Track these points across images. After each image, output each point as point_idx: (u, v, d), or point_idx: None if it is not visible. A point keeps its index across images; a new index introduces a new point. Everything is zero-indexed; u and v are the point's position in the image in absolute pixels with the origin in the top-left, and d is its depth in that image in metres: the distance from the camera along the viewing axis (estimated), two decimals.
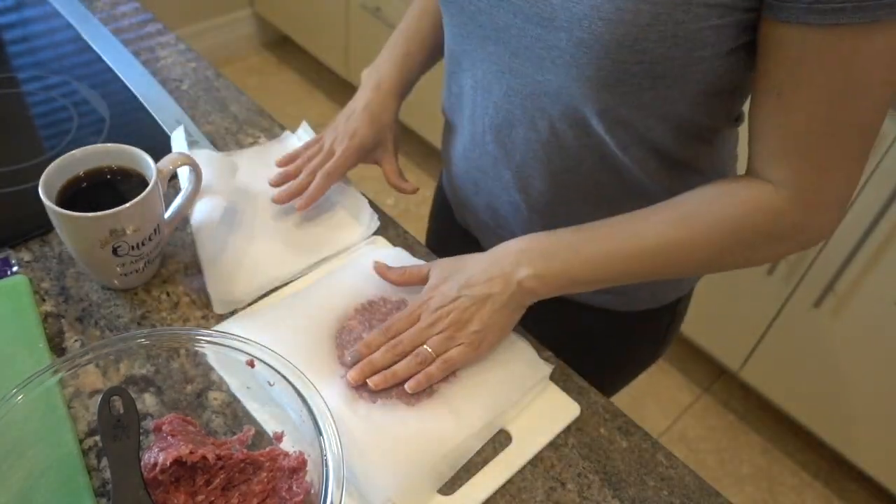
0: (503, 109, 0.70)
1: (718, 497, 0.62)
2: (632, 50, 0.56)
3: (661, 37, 0.55)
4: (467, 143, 0.78)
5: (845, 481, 1.71)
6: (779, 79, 0.56)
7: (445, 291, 0.65)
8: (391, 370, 0.63)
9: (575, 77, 0.60)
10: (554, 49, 0.60)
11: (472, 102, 0.74)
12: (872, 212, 1.33)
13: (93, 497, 0.55)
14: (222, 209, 0.77)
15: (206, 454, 0.54)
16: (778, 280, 1.54)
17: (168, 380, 0.60)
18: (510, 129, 0.71)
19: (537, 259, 0.64)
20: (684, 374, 1.89)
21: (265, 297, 0.72)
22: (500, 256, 0.66)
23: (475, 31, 0.67)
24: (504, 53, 0.65)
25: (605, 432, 0.66)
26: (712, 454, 1.74)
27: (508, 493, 0.60)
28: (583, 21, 0.56)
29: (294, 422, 0.57)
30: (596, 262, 0.64)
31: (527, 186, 0.74)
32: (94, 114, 0.90)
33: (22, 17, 1.06)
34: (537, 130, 0.68)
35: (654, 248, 0.62)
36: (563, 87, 0.63)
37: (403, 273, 0.70)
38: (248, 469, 0.56)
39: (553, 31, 0.59)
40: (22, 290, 0.68)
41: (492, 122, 0.72)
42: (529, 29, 0.61)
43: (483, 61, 0.69)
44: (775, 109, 0.57)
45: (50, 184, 0.66)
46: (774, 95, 0.57)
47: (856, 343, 1.48)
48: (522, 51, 0.63)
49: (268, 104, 1.01)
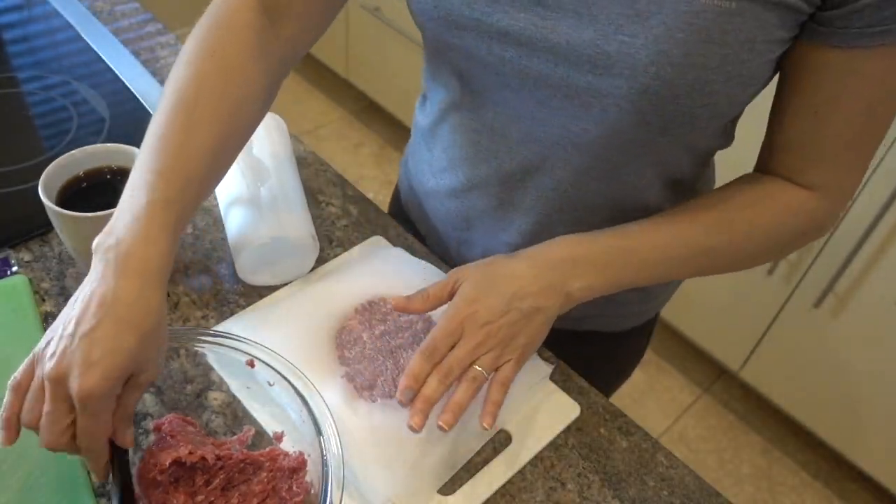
0: (519, 156, 0.66)
1: (718, 497, 0.62)
2: (701, 93, 0.55)
3: (728, 77, 0.54)
4: (461, 183, 0.73)
5: (845, 481, 1.71)
6: (818, 98, 0.57)
7: (493, 305, 0.58)
8: (456, 402, 0.56)
9: (633, 123, 0.58)
10: (608, 97, 0.57)
11: (472, 145, 0.70)
12: (872, 212, 1.33)
13: (92, 497, 0.55)
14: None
15: (205, 455, 0.54)
16: (778, 280, 1.54)
17: (168, 380, 0.60)
18: (524, 175, 0.68)
19: (589, 270, 0.61)
20: (684, 374, 1.89)
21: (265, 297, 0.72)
22: (547, 264, 0.61)
23: (490, 79, 0.63)
24: (528, 100, 0.62)
25: (605, 432, 0.66)
26: (712, 454, 1.74)
27: (508, 493, 0.60)
28: (649, 68, 0.53)
29: (294, 422, 0.57)
30: (642, 269, 0.63)
31: (532, 232, 0.71)
32: (94, 114, 0.90)
33: (22, 17, 1.06)
34: (557, 180, 0.66)
35: (698, 253, 0.63)
36: (604, 135, 0.60)
37: (427, 298, 0.62)
38: (248, 469, 0.56)
39: (609, 79, 0.55)
40: (22, 291, 0.68)
41: (500, 167, 0.69)
42: (576, 78, 0.57)
43: (496, 105, 0.65)
44: (811, 129, 0.59)
45: (50, 184, 0.66)
46: (811, 114, 0.58)
47: (856, 343, 1.48)
48: (559, 100, 0.60)
49: None
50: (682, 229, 0.63)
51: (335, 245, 0.79)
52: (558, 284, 0.60)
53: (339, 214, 0.83)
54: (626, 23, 0.53)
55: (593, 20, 0.55)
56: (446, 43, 0.63)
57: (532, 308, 0.59)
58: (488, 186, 0.71)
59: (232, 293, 0.72)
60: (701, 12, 0.51)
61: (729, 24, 0.52)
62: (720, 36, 0.52)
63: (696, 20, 0.52)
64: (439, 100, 0.72)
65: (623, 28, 0.54)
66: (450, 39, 0.62)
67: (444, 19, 0.60)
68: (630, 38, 0.53)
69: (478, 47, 0.60)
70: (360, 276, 0.72)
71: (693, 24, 0.52)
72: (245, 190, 0.72)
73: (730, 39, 0.52)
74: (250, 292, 0.73)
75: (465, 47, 0.61)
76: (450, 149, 0.73)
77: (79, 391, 0.45)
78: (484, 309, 0.58)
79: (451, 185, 0.75)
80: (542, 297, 0.59)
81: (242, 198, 0.72)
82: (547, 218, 0.70)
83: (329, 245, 0.79)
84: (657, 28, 0.52)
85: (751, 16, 0.52)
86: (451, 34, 0.61)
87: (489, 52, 0.60)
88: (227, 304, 0.71)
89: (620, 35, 0.54)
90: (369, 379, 0.64)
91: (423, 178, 0.79)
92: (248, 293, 0.73)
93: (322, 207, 0.83)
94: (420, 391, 0.56)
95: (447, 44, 0.63)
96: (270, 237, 0.69)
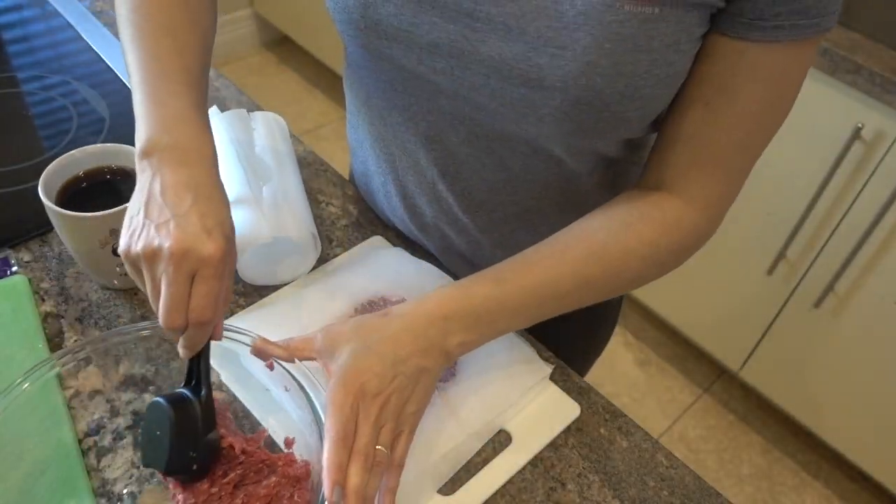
0: (461, 154, 0.66)
1: (718, 497, 0.62)
2: (631, 98, 0.55)
3: (656, 80, 0.55)
4: (409, 191, 0.73)
5: (845, 481, 1.71)
6: (710, 89, 0.57)
7: (379, 372, 0.54)
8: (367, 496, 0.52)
9: (567, 130, 0.58)
10: (543, 107, 0.57)
11: (411, 155, 0.69)
12: (872, 212, 1.32)
13: (92, 497, 0.55)
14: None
15: (233, 444, 0.54)
16: (778, 280, 1.54)
17: (168, 380, 0.60)
18: (470, 173, 0.68)
19: (464, 326, 0.58)
20: (684, 374, 1.89)
21: (265, 297, 0.72)
22: (423, 324, 0.57)
23: (421, 88, 0.62)
24: (463, 107, 0.61)
25: (605, 432, 0.66)
26: (712, 454, 1.74)
27: (508, 493, 0.60)
28: (579, 79, 0.54)
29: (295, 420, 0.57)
30: (515, 316, 0.60)
31: (487, 221, 0.72)
32: (93, 114, 0.90)
33: (22, 17, 1.06)
34: (506, 169, 0.66)
35: (573, 288, 0.61)
36: (543, 134, 0.60)
37: (287, 347, 0.58)
38: (264, 470, 0.55)
39: (541, 91, 0.56)
40: (21, 291, 0.68)
41: (444, 170, 0.68)
42: (509, 90, 0.57)
43: (429, 113, 0.64)
44: (701, 121, 0.58)
45: (50, 184, 0.66)
46: (702, 105, 0.57)
47: (856, 343, 1.48)
48: (495, 107, 0.59)
49: (268, 104, 1.01)
50: (555, 267, 0.60)
51: (335, 245, 0.79)
52: (437, 342, 0.57)
53: (339, 214, 0.83)
54: (555, 35, 0.53)
55: (522, 33, 0.54)
56: (377, 53, 0.61)
57: (416, 369, 0.56)
58: (435, 190, 0.71)
59: (232, 293, 0.72)
60: (626, 21, 0.51)
61: (654, 30, 0.52)
62: (646, 42, 0.52)
63: (622, 29, 0.52)
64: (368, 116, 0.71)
65: (552, 41, 0.53)
66: (381, 49, 0.60)
67: (372, 30, 0.59)
68: (559, 51, 0.53)
69: (408, 58, 0.59)
70: (360, 276, 0.72)
71: (619, 34, 0.52)
72: (247, 190, 0.72)
73: (655, 45, 0.53)
74: (250, 292, 0.73)
75: (396, 58, 0.60)
76: (387, 162, 0.73)
77: (207, 255, 0.49)
78: (371, 378, 0.54)
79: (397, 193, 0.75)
80: (424, 358, 0.56)
81: (244, 197, 0.72)
82: (499, 207, 0.70)
83: (329, 245, 0.79)
84: (585, 39, 0.52)
85: (674, 19, 0.52)
86: (381, 44, 0.60)
87: (419, 62, 0.59)
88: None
89: (550, 48, 0.54)
90: None
91: (376, 199, 0.80)
92: (248, 293, 0.73)
93: (322, 207, 0.83)
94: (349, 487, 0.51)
95: (378, 54, 0.61)
96: (272, 237, 0.69)
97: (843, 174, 1.34)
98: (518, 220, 0.72)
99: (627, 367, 1.90)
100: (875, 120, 1.26)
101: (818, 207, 1.40)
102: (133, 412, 0.60)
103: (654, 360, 1.92)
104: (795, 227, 1.44)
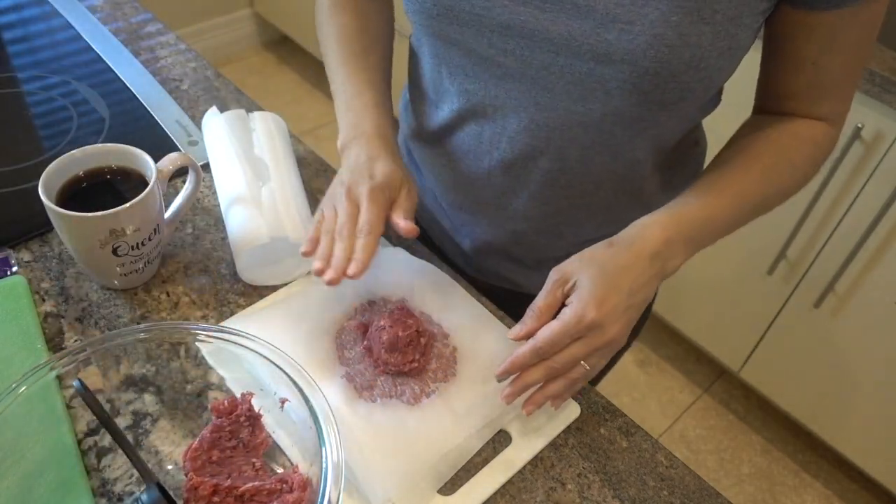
0: (521, 143, 0.68)
1: (718, 497, 0.62)
2: (697, 69, 0.58)
3: (720, 52, 0.58)
4: (459, 179, 0.75)
5: (845, 481, 1.71)
6: (814, 53, 0.62)
7: (617, 305, 0.57)
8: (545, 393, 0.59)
9: (634, 102, 0.61)
10: (611, 81, 0.60)
11: (471, 139, 0.72)
12: (872, 212, 1.32)
13: (91, 497, 0.55)
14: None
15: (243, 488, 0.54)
16: (778, 280, 1.54)
17: (168, 380, 0.60)
18: (527, 161, 0.70)
19: (682, 248, 0.62)
20: (684, 374, 1.89)
21: (265, 297, 0.72)
22: (649, 250, 0.60)
23: (489, 71, 0.65)
24: (530, 89, 0.64)
25: (605, 432, 0.66)
26: (712, 454, 1.74)
27: (508, 493, 0.60)
28: (647, 52, 0.57)
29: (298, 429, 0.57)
30: (716, 235, 0.65)
31: (538, 212, 0.74)
32: (93, 114, 0.90)
33: (22, 17, 1.06)
34: (563, 160, 0.69)
35: (757, 204, 0.67)
36: (608, 113, 0.63)
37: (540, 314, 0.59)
38: (277, 491, 0.54)
39: (610, 65, 0.59)
40: (21, 291, 0.68)
41: (502, 156, 0.70)
42: (578, 66, 0.60)
43: (496, 98, 0.67)
44: (812, 73, 0.64)
45: (50, 184, 0.66)
46: (810, 65, 0.63)
47: (856, 343, 1.48)
48: (562, 86, 0.62)
49: (268, 104, 1.01)
50: (743, 186, 0.65)
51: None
52: (660, 269, 0.61)
53: None
54: (623, 11, 0.57)
55: (591, 10, 0.57)
56: (446, 39, 0.65)
57: (643, 301, 0.60)
58: (491, 177, 0.73)
59: (232, 293, 0.72)
60: None
61: (717, 4, 0.56)
62: (710, 15, 0.56)
63: (687, 3, 0.55)
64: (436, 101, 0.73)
65: (620, 16, 0.57)
66: (450, 35, 0.64)
67: (444, 16, 0.63)
68: (628, 26, 0.57)
69: (479, 42, 0.63)
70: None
71: (685, 7, 0.55)
72: (246, 190, 0.72)
73: (718, 18, 0.56)
74: (250, 292, 0.73)
75: (466, 42, 0.64)
76: (450, 147, 0.74)
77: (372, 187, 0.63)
78: (610, 311, 0.57)
79: (451, 180, 0.76)
80: (650, 288, 0.60)
81: (243, 198, 0.72)
82: (553, 199, 0.72)
83: None
84: (653, 14, 0.56)
85: None
86: (452, 30, 0.63)
87: (490, 45, 0.62)
88: (227, 304, 0.71)
89: (618, 23, 0.57)
90: (369, 379, 0.64)
91: (419, 176, 0.81)
92: (248, 293, 0.73)
93: None
94: (522, 376, 0.58)
95: (447, 39, 0.65)
96: (271, 237, 0.69)
97: (843, 174, 1.34)
98: (569, 210, 0.74)
99: (627, 367, 1.90)
100: (875, 120, 1.26)
101: (818, 207, 1.40)
102: (133, 412, 0.60)
103: (654, 360, 1.92)
104: (795, 227, 1.44)
